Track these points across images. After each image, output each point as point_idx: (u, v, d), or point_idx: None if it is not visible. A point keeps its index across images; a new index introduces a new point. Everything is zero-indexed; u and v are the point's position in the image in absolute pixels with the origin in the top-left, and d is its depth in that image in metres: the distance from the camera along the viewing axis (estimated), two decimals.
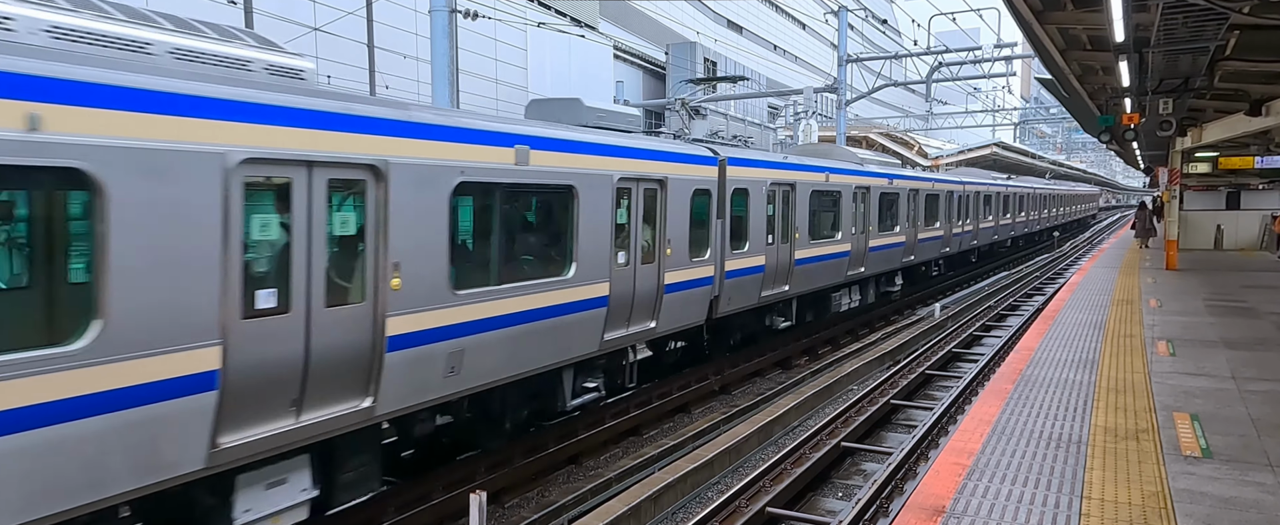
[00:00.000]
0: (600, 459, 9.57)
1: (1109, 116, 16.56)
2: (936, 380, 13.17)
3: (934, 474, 5.79)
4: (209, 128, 4.96)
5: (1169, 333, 11.36)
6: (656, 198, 9.77)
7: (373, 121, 6.02)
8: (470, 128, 7.01)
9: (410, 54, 22.34)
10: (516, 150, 7.52)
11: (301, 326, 5.52)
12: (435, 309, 6.62)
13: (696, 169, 10.66)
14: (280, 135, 5.36)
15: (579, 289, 8.38)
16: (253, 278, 5.34)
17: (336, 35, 19.72)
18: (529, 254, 8.16)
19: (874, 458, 9.45)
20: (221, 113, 5.04)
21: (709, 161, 11.01)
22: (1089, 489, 5.51)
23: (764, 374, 13.80)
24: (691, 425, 10.77)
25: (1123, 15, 8.11)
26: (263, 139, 5.26)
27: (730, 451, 9.16)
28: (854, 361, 13.75)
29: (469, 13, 15.25)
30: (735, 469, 9.18)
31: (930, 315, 19.10)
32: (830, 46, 57.79)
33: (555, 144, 8.09)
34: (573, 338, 8.40)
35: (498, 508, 7.99)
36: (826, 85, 29.06)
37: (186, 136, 4.84)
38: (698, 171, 10.65)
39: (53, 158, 4.23)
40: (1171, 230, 21.49)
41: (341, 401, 5.91)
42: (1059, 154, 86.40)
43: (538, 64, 29.21)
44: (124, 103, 4.54)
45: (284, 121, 5.39)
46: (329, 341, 5.71)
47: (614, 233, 8.92)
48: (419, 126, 6.44)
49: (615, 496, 7.68)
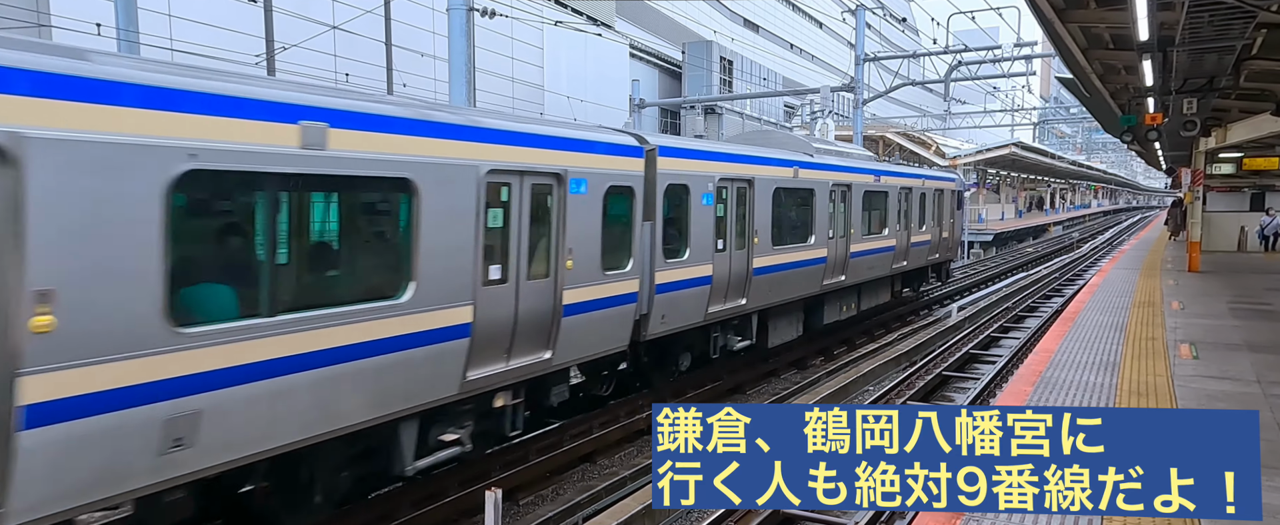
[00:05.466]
0: (615, 457, 9.56)
1: (1131, 116, 16.37)
2: (954, 382, 13.07)
3: None
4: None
5: (1192, 335, 11.21)
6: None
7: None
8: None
9: (428, 52, 22.43)
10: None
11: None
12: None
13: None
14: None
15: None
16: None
17: (355, 33, 19.82)
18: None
19: None
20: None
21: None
22: None
23: (778, 374, 13.74)
24: None
25: (1147, 13, 8.01)
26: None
27: None
28: (870, 362, 13.67)
29: (486, 11, 15.29)
30: None
31: (947, 316, 18.96)
32: (847, 45, 57.49)
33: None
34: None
35: (513, 505, 8.00)
36: (844, 84, 28.93)
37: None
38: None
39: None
40: (1194, 232, 21.21)
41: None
42: (1079, 154, 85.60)
43: (554, 62, 29.27)
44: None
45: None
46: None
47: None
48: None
49: (630, 495, 7.68)
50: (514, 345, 7.32)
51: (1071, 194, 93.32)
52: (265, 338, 5.22)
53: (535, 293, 7.51)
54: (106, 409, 4.46)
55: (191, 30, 17.08)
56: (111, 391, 4.47)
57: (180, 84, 4.78)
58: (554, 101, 27.87)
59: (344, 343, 5.68)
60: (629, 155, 8.80)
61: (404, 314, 6.13)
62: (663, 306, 9.56)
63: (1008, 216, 59.62)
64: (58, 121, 4.18)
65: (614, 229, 8.59)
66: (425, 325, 6.27)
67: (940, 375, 12.95)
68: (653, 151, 9.24)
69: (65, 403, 4.28)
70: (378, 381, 5.99)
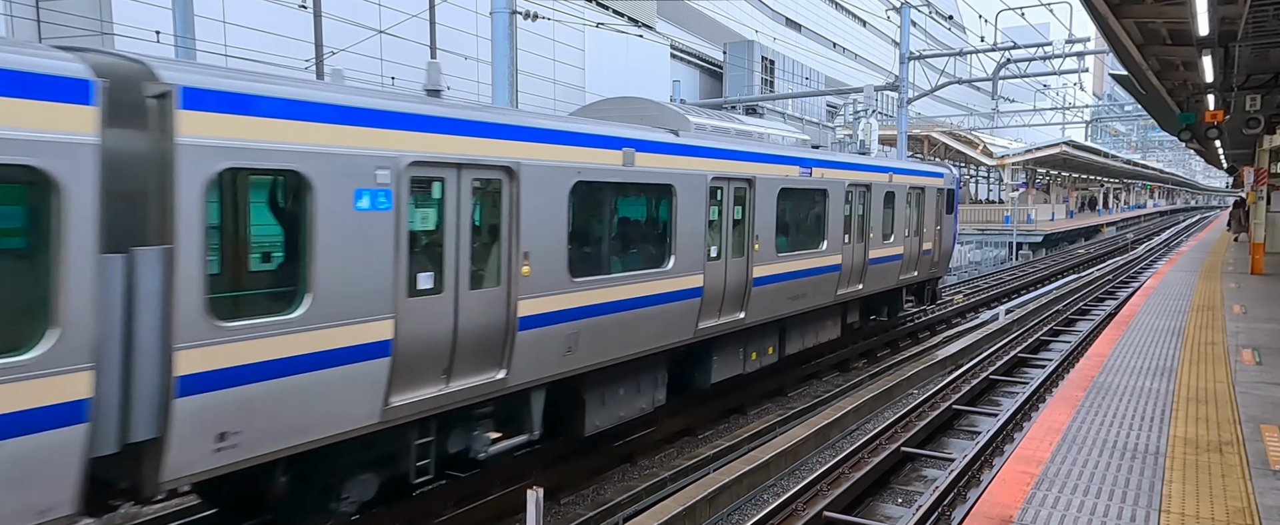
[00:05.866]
0: (655, 458, 9.56)
1: (1190, 114, 15.83)
2: (1001, 386, 12.78)
3: (1000, 482, 5.60)
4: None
5: (1255, 340, 10.78)
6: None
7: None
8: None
9: (470, 55, 22.72)
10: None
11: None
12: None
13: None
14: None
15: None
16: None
17: (400, 38, 20.18)
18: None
19: (935, 463, 9.21)
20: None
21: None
22: (1168, 503, 5.26)
23: (820, 377, 13.60)
24: (747, 427, 10.67)
25: (1208, 8, 7.74)
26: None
27: (787, 454, 9.04)
28: (914, 365, 13.44)
29: (529, 14, 15.42)
30: (792, 472, 9.06)
31: (994, 319, 18.56)
32: (892, 44, 56.72)
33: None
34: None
35: (553, 504, 8.05)
36: (888, 83, 28.52)
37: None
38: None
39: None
40: (1258, 233, 20.42)
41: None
42: (1134, 153, 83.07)
43: (595, 64, 29.42)
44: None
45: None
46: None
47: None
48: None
49: (670, 496, 7.66)
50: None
51: (1126, 194, 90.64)
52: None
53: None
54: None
55: (244, 36, 17.58)
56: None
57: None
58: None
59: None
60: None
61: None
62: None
63: (1058, 217, 58.15)
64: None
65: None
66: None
67: (987, 379, 12.68)
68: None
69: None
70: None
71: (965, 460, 8.50)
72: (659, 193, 8.61)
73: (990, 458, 9.04)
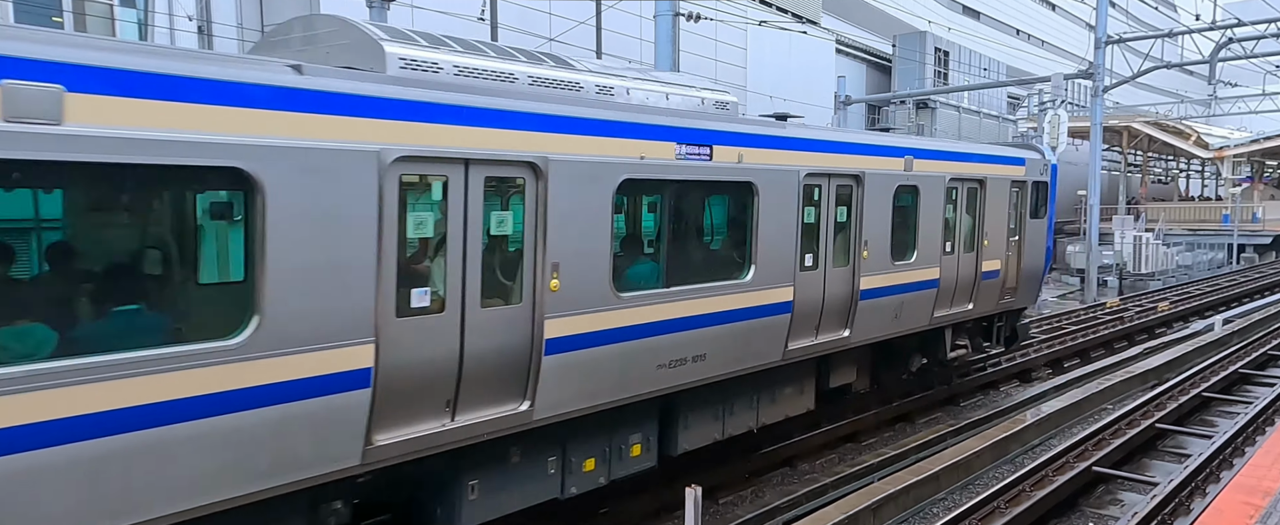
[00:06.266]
0: (816, 464, 9.32)
1: None
2: (1217, 404, 11.33)
3: (1215, 512, 4.97)
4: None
5: None
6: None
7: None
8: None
9: (634, 59, 23.22)
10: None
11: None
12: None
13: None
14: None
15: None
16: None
17: (568, 44, 20.97)
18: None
19: (1134, 486, 8.32)
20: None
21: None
22: None
23: (998, 386, 12.69)
24: (915, 436, 10.17)
25: None
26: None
27: (959, 466, 8.51)
28: (1108, 377, 12.22)
29: (692, 15, 15.54)
30: (964, 486, 8.51)
31: (1208, 329, 16.50)
32: (1085, 27, 51.84)
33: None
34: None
35: (712, 504, 8.04)
36: (1080, 71, 26.10)
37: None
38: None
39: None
40: None
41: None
42: None
43: (758, 62, 29.12)
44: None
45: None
46: None
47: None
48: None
49: (831, 503, 7.44)
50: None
51: None
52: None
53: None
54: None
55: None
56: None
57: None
58: (756, 101, 27.73)
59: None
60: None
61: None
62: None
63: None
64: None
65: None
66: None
67: (1200, 396, 11.28)
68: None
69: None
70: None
71: (1172, 484, 7.61)
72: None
73: (1203, 484, 8.04)
